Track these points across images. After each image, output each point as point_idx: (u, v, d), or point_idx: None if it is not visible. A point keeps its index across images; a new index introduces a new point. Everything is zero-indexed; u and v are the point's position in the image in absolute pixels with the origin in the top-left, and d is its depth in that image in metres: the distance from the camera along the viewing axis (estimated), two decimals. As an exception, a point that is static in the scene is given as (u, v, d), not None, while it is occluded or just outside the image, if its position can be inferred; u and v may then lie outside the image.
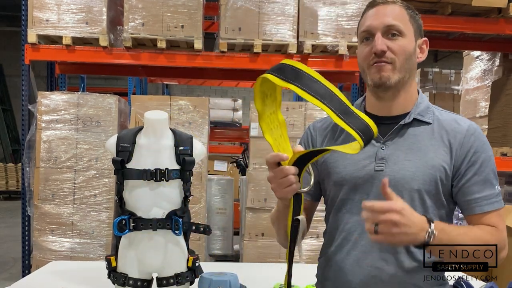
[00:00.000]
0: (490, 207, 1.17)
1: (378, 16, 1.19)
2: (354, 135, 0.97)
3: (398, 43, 1.18)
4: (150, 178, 1.23)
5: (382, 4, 1.21)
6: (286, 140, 1.10)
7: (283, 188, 1.05)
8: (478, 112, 5.39)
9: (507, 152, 4.10)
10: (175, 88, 12.73)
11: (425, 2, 3.98)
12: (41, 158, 3.48)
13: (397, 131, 1.21)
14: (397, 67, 1.18)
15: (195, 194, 3.41)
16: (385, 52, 1.16)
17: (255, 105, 1.08)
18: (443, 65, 11.37)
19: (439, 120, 1.22)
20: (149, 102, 3.60)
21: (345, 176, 1.21)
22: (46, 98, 3.52)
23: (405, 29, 1.19)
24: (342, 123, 0.98)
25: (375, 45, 1.16)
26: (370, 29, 1.19)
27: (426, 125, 1.21)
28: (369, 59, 1.19)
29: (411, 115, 1.21)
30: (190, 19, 3.70)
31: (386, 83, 1.18)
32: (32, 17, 3.66)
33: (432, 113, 1.23)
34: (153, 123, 1.27)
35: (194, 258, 1.29)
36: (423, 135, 1.20)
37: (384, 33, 1.18)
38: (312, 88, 1.00)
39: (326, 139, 1.30)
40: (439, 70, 7.69)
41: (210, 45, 4.09)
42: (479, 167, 1.17)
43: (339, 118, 0.97)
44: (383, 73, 1.17)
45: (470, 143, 1.18)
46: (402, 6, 1.22)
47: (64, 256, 3.45)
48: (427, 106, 1.24)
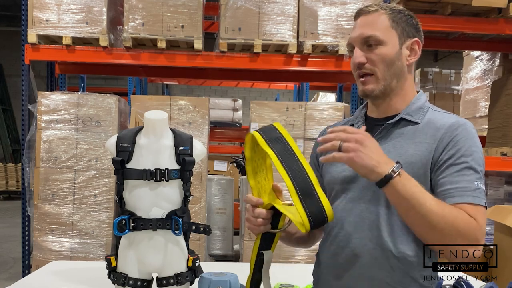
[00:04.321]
0: (462, 199, 1.10)
1: (357, 29, 1.24)
2: (303, 216, 1.00)
3: (377, 53, 1.21)
4: (150, 178, 1.23)
5: (364, 14, 1.25)
6: (270, 182, 1.17)
7: (252, 225, 1.16)
8: (478, 112, 5.39)
9: (507, 152, 4.10)
10: (175, 88, 12.74)
11: (425, 2, 3.98)
12: (41, 158, 3.48)
13: (382, 131, 1.24)
14: (379, 76, 1.22)
15: (195, 194, 3.42)
16: (363, 63, 1.21)
17: (245, 152, 1.17)
18: (443, 65, 11.38)
19: (429, 119, 1.22)
20: (149, 102, 3.60)
21: (334, 175, 1.28)
22: (46, 98, 3.52)
23: (385, 36, 1.21)
24: (296, 200, 1.02)
25: (353, 58, 1.23)
26: (351, 41, 1.26)
27: (414, 125, 1.22)
28: (354, 72, 1.26)
29: (399, 116, 1.24)
30: (190, 19, 3.71)
31: (371, 95, 1.24)
32: (32, 17, 3.66)
33: (424, 113, 1.24)
34: (153, 123, 1.27)
35: (194, 258, 1.29)
36: (408, 135, 1.21)
37: (362, 45, 1.22)
38: (286, 158, 1.05)
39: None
40: (439, 70, 7.68)
41: (210, 45, 4.09)
42: (456, 160, 1.14)
43: (296, 195, 1.02)
44: (366, 86, 1.23)
45: (451, 137, 1.16)
46: (385, 12, 1.23)
47: (64, 256, 3.45)
48: (420, 107, 1.25)
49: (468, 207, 1.09)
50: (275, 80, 5.62)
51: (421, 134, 1.20)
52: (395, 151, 1.19)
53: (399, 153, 1.19)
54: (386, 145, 1.21)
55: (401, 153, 1.18)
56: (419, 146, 1.18)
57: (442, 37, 4.82)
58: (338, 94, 5.71)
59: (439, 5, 4.00)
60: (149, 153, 1.26)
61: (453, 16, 4.03)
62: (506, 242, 2.72)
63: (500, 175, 4.51)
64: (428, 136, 1.18)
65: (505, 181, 4.54)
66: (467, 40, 4.81)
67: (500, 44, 4.73)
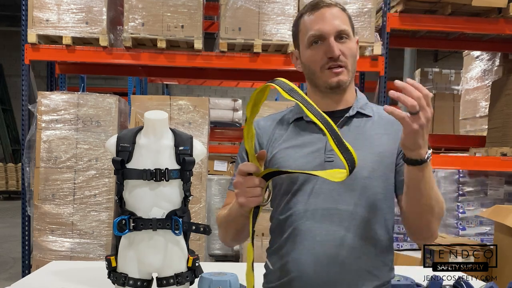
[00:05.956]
0: None
1: (327, 20, 1.23)
2: (345, 164, 1.00)
3: (347, 46, 1.24)
4: (150, 178, 1.23)
5: (327, 7, 1.25)
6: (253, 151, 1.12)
7: (248, 197, 1.08)
8: (478, 112, 5.39)
9: (507, 152, 4.10)
10: (175, 88, 12.74)
11: (425, 2, 3.98)
12: (41, 158, 3.48)
13: (342, 123, 1.27)
14: (349, 69, 1.25)
15: (195, 194, 3.41)
16: (339, 56, 1.22)
17: (247, 111, 1.09)
18: (443, 65, 11.38)
19: (378, 113, 1.30)
20: (149, 102, 3.60)
21: (296, 169, 1.21)
22: (46, 98, 3.52)
23: (350, 31, 1.26)
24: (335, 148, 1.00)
25: (332, 50, 1.21)
26: (321, 33, 1.23)
27: (368, 118, 1.29)
28: (322, 63, 1.23)
29: (354, 109, 1.28)
30: (190, 19, 3.71)
31: (342, 86, 1.25)
32: (32, 17, 3.66)
33: (371, 108, 1.32)
34: (153, 123, 1.27)
35: (194, 258, 1.30)
36: (367, 126, 1.27)
37: (335, 37, 1.23)
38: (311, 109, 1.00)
39: (274, 137, 1.32)
40: (439, 70, 7.69)
41: (210, 45, 4.09)
42: None
43: (334, 143, 0.99)
44: (340, 77, 1.23)
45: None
46: (341, 8, 1.27)
47: (64, 256, 3.45)
48: (366, 102, 1.33)
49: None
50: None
51: (379, 127, 1.27)
52: (362, 143, 1.22)
53: (365, 145, 1.22)
54: (348, 137, 1.21)
55: (368, 144, 1.23)
56: (382, 137, 1.25)
57: (442, 37, 4.83)
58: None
59: (439, 5, 4.00)
60: (149, 153, 1.26)
61: (453, 16, 4.03)
62: (506, 242, 2.73)
63: (500, 175, 4.51)
64: (387, 128, 1.26)
65: (505, 181, 4.54)
66: (467, 40, 4.82)
67: (500, 44, 4.73)
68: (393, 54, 4.48)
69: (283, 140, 1.29)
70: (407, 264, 3.47)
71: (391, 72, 4.37)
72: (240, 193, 1.09)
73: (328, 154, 1.22)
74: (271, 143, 1.31)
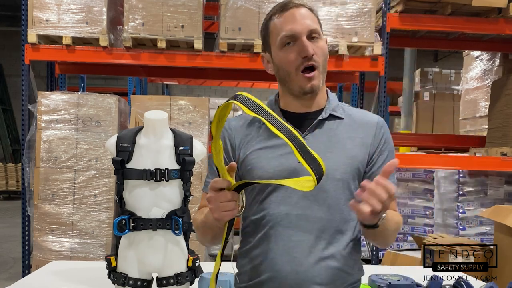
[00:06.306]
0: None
1: (298, 20, 1.22)
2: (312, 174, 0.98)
3: (319, 46, 1.23)
4: (150, 178, 1.23)
5: (296, 7, 1.24)
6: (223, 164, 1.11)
7: (223, 211, 1.07)
8: (478, 112, 5.39)
9: (507, 152, 4.10)
10: (175, 88, 12.74)
11: (425, 2, 3.98)
12: (41, 158, 3.48)
13: (315, 126, 1.26)
14: (321, 70, 1.24)
15: (195, 194, 3.41)
16: (313, 55, 1.21)
17: (212, 129, 1.07)
18: (443, 65, 11.39)
19: (350, 115, 1.31)
20: (149, 102, 3.60)
21: (269, 170, 1.22)
22: (46, 98, 3.52)
23: (320, 31, 1.25)
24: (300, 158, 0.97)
25: (306, 49, 1.20)
26: (294, 33, 1.21)
27: (340, 120, 1.29)
28: (296, 64, 1.22)
29: (327, 111, 1.28)
30: (190, 19, 3.71)
31: (316, 90, 1.25)
32: (32, 17, 3.66)
33: (342, 109, 1.32)
34: (153, 123, 1.27)
35: (194, 258, 1.30)
36: (339, 129, 1.27)
37: (307, 37, 1.21)
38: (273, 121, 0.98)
39: (247, 138, 1.30)
40: (439, 70, 7.69)
41: (210, 45, 4.09)
42: (386, 157, 1.26)
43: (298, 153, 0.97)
44: (313, 82, 1.23)
45: (381, 134, 1.28)
46: (309, 8, 1.26)
47: (64, 256, 3.45)
48: (337, 103, 1.32)
49: (394, 201, 1.28)
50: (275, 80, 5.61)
51: (351, 129, 1.27)
52: (335, 146, 1.23)
53: (338, 147, 1.23)
54: (321, 139, 1.23)
55: (341, 147, 1.23)
56: (354, 140, 1.26)
57: (442, 37, 4.83)
58: (338, 94, 5.71)
59: (439, 5, 4.00)
60: (149, 153, 1.26)
61: (453, 16, 4.04)
62: (506, 242, 2.72)
63: (500, 175, 4.51)
64: (359, 131, 1.27)
65: (505, 181, 4.55)
66: (467, 40, 4.82)
67: (500, 44, 4.73)
68: (393, 54, 4.48)
69: (256, 141, 1.28)
70: (407, 264, 3.47)
71: (391, 72, 4.37)
72: (214, 208, 1.07)
73: None
74: (244, 144, 1.30)
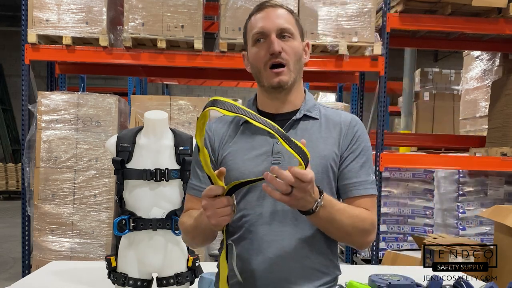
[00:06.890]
0: (364, 191, 1.26)
1: (270, 19, 1.25)
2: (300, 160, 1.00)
3: (290, 45, 1.25)
4: (150, 178, 1.23)
5: (272, 7, 1.28)
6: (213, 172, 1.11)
7: (220, 217, 1.07)
8: (478, 112, 5.39)
9: (507, 152, 4.10)
10: (175, 88, 12.74)
11: (425, 2, 3.98)
12: (41, 158, 3.48)
13: (289, 126, 1.28)
14: (291, 68, 1.25)
15: (195, 194, 3.41)
16: (281, 52, 1.23)
17: (197, 140, 1.08)
18: (443, 65, 11.38)
19: (325, 115, 1.32)
20: (149, 102, 3.60)
21: (245, 171, 1.24)
22: (46, 98, 3.52)
23: (295, 31, 1.27)
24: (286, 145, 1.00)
25: (273, 46, 1.22)
26: (264, 30, 1.25)
27: (314, 120, 1.31)
28: (265, 60, 1.25)
29: (301, 112, 1.30)
30: (190, 19, 3.70)
31: (285, 86, 1.25)
32: (32, 17, 3.66)
33: (319, 110, 1.33)
34: (153, 123, 1.27)
35: (194, 258, 1.30)
36: (313, 129, 1.29)
37: (277, 35, 1.24)
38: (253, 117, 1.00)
39: (225, 139, 1.31)
40: (439, 70, 7.69)
41: (210, 45, 4.09)
42: (358, 154, 1.27)
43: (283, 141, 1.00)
44: (281, 77, 1.24)
45: (353, 133, 1.29)
46: (288, 10, 1.30)
47: (64, 256, 3.45)
48: (313, 104, 1.34)
49: (368, 199, 1.26)
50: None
51: (325, 129, 1.29)
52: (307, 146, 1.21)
53: (312, 147, 1.22)
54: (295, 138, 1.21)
55: (313, 147, 1.23)
56: (327, 140, 1.27)
57: (442, 37, 4.83)
58: (338, 94, 5.71)
59: (439, 5, 4.00)
60: (149, 153, 1.26)
61: (453, 16, 4.03)
62: (506, 242, 2.72)
63: (500, 175, 4.51)
64: (332, 131, 1.29)
65: (505, 181, 4.55)
66: (467, 40, 4.82)
67: (500, 44, 4.73)
68: (393, 54, 4.47)
69: (233, 142, 1.30)
70: (407, 264, 3.47)
71: (391, 72, 4.37)
72: (211, 215, 1.08)
73: (275, 157, 1.24)
74: (222, 145, 1.31)
